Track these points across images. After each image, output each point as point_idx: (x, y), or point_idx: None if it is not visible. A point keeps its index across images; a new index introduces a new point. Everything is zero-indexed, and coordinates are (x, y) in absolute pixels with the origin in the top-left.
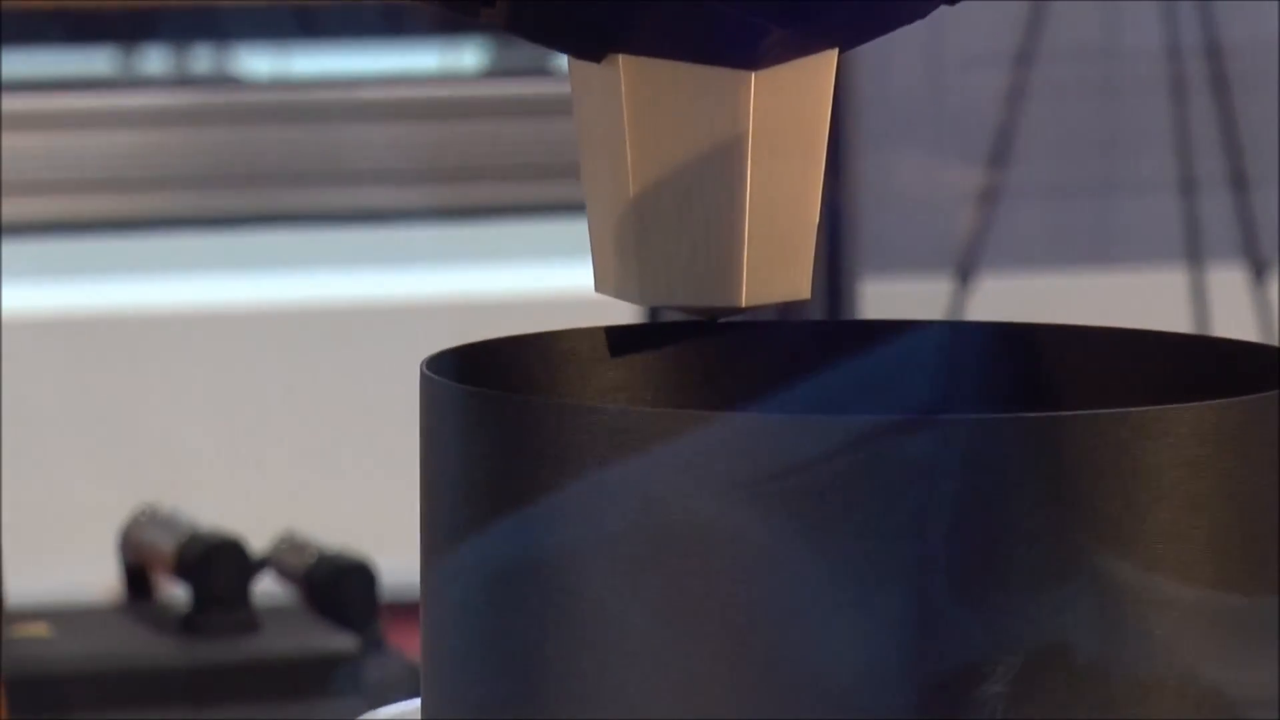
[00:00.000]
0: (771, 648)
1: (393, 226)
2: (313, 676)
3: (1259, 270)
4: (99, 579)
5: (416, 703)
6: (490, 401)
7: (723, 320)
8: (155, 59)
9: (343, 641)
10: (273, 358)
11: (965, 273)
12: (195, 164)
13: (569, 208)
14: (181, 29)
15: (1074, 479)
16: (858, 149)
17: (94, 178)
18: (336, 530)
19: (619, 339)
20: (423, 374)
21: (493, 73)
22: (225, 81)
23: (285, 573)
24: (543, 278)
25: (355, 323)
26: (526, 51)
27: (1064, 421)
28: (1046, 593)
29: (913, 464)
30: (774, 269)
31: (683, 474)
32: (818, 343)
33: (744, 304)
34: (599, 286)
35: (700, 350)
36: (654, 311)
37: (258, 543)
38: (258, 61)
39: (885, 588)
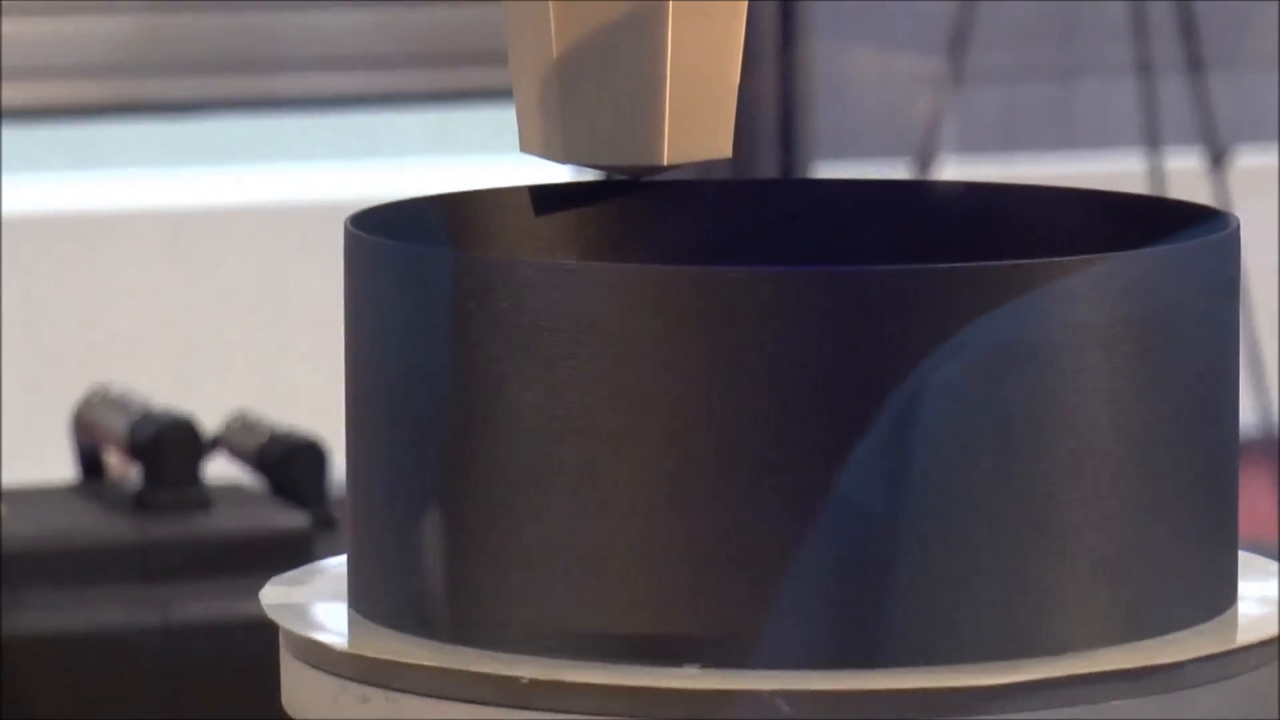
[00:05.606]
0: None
1: (375, 111)
2: (264, 554)
3: (1217, 157)
4: (52, 460)
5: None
6: (434, 261)
7: (646, 179)
8: None
9: (294, 519)
10: (231, 249)
11: (924, 159)
12: (163, 50)
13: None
14: None
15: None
16: (810, 36)
17: (57, 64)
18: (289, 413)
19: (543, 198)
20: (347, 230)
21: None
22: None
23: (237, 452)
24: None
25: (317, 216)
26: None
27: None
28: None
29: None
30: (696, 128)
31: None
32: (741, 200)
33: (666, 162)
34: (523, 146)
35: (624, 209)
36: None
37: (210, 423)
38: None
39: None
